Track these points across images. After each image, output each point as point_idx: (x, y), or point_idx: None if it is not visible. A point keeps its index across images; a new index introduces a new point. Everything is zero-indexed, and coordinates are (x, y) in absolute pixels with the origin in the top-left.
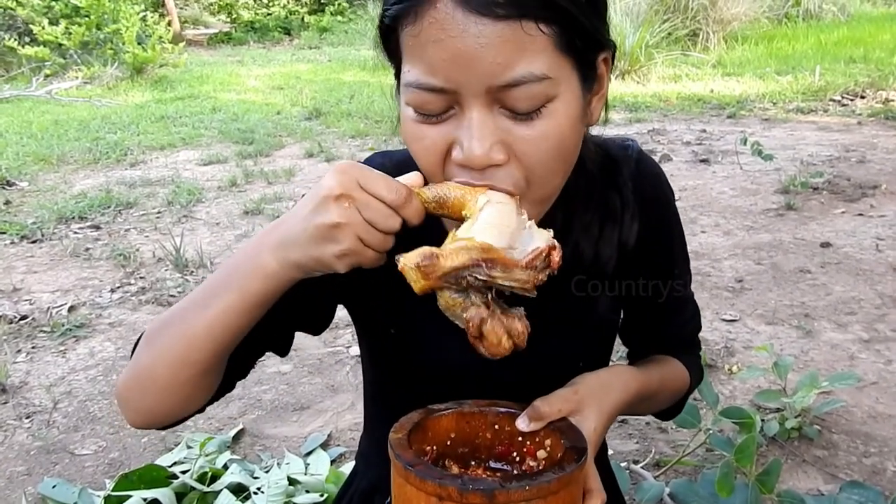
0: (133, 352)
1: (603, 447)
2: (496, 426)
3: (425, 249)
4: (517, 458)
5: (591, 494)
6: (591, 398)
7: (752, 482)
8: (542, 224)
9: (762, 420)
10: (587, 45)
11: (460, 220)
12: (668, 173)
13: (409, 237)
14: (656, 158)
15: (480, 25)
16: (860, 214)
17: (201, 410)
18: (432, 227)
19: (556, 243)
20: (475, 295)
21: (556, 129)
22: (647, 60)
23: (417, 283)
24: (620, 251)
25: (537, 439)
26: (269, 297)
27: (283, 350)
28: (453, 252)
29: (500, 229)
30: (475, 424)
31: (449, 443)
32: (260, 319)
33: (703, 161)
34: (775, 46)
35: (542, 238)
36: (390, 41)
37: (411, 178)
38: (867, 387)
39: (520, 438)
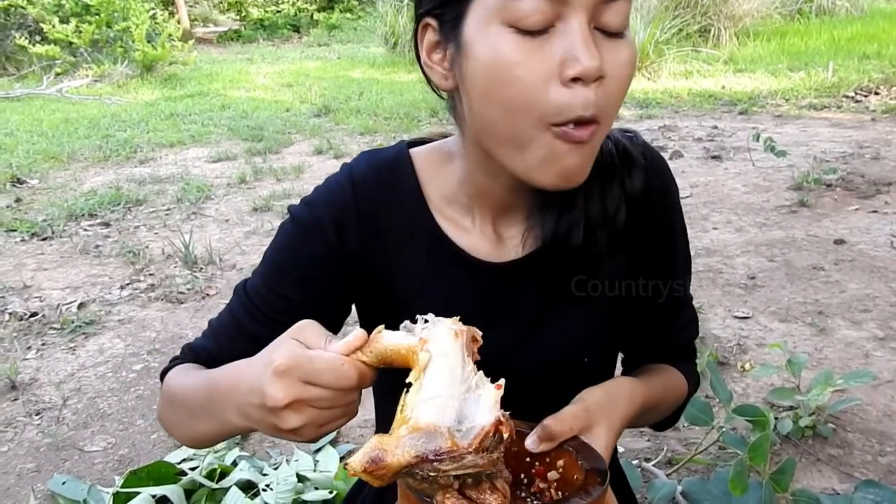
0: (161, 379)
1: None
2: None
3: (369, 449)
4: (525, 481)
5: None
6: (601, 414)
7: (766, 481)
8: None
9: (776, 418)
10: None
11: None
12: (680, 170)
13: None
14: (667, 155)
15: None
16: (874, 211)
17: None
18: None
19: (503, 415)
20: (441, 477)
21: (633, 56)
22: (658, 57)
23: (373, 483)
24: (628, 202)
25: (547, 460)
26: (250, 430)
27: None
28: (399, 446)
29: (444, 397)
30: None
31: None
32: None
33: (714, 157)
34: (788, 42)
35: (489, 403)
36: None
37: (353, 341)
38: (882, 385)
39: (528, 459)
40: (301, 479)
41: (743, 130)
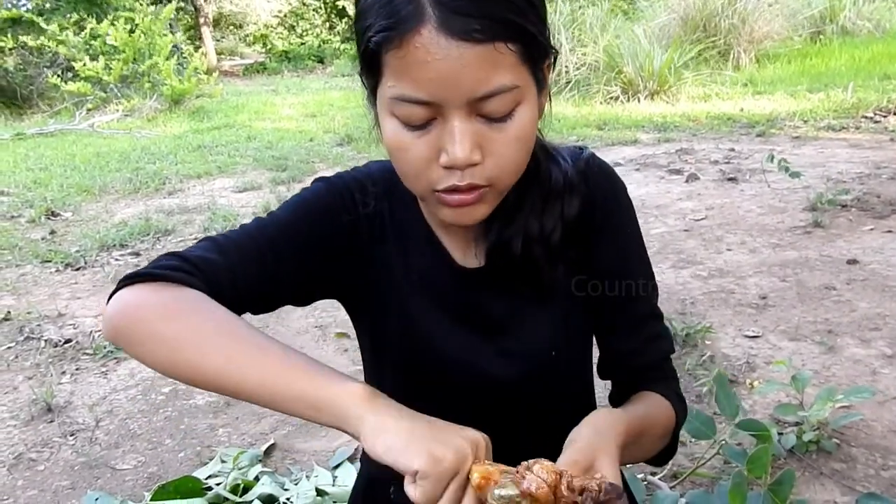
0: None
1: None
2: None
3: None
4: None
5: None
6: (598, 449)
7: (765, 492)
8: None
9: (780, 433)
10: (540, 56)
11: None
12: (696, 192)
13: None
14: (683, 177)
15: (461, 49)
16: (889, 231)
17: None
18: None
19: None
20: None
21: (524, 129)
22: (677, 80)
23: None
24: (564, 223)
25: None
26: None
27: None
28: None
29: None
30: None
31: None
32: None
33: (730, 179)
34: (808, 64)
35: None
36: (372, 61)
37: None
38: (888, 401)
39: None
40: (320, 493)
41: (760, 152)
